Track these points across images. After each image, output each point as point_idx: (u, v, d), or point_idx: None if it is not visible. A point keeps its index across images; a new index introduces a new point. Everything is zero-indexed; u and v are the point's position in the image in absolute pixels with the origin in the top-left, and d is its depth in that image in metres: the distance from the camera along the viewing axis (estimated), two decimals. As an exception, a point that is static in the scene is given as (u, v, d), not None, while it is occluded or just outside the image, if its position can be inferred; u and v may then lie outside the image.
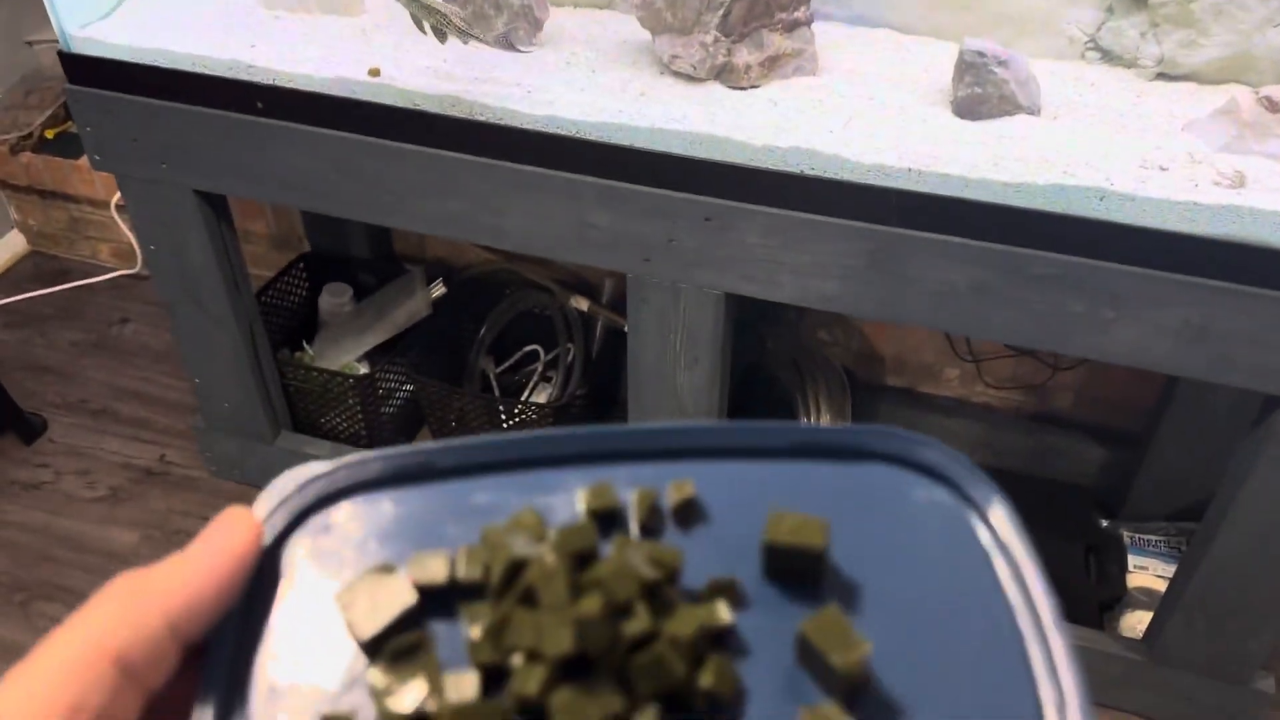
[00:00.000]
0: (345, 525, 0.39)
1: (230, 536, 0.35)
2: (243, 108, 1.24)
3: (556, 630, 0.33)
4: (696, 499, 0.40)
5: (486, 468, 0.41)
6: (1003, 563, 0.38)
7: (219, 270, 1.41)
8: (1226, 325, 1.00)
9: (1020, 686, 0.34)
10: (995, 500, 0.39)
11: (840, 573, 0.38)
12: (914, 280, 1.09)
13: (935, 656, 0.35)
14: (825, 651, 0.34)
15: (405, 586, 0.36)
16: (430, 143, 1.17)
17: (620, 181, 1.13)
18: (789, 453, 0.41)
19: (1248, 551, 1.17)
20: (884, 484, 0.40)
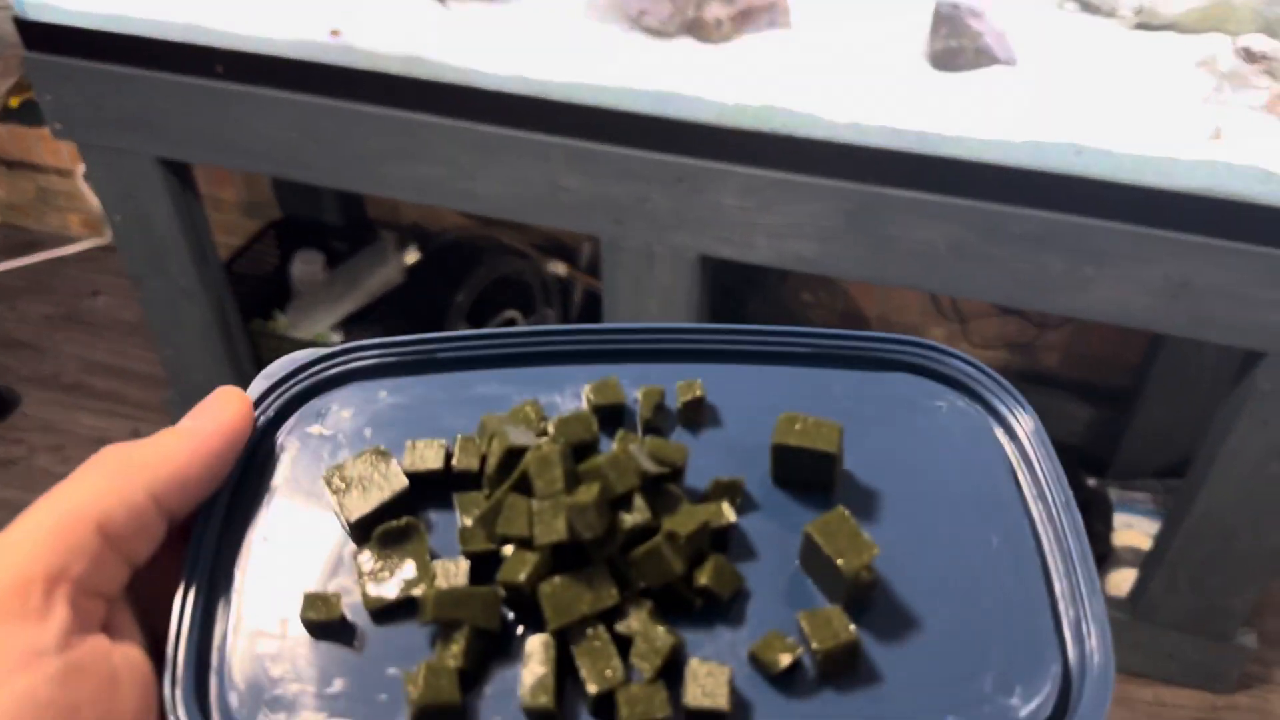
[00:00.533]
0: (340, 412, 0.38)
1: (220, 414, 0.34)
2: (203, 72, 1.21)
3: (549, 518, 0.32)
4: (705, 400, 0.38)
5: (489, 361, 0.39)
6: (1025, 475, 0.36)
7: (185, 240, 1.38)
8: (1206, 280, 0.98)
9: (1036, 596, 0.33)
10: (1021, 413, 0.37)
11: (854, 479, 0.36)
12: (893, 240, 1.06)
13: (949, 564, 0.34)
14: (831, 554, 0.32)
15: (397, 471, 0.35)
16: (395, 105, 1.14)
17: (591, 142, 1.10)
18: (807, 359, 0.39)
19: (1229, 508, 1.16)
20: (905, 393, 0.39)
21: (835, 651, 0.31)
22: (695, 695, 0.30)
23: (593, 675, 0.31)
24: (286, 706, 0.31)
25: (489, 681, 0.32)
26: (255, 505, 0.36)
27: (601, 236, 1.18)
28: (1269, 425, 1.07)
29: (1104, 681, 0.31)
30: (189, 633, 0.32)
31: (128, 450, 0.32)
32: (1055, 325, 1.61)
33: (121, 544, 0.31)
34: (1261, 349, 1.02)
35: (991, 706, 0.31)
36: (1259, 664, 1.41)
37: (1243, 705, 1.39)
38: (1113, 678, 0.31)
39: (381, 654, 0.32)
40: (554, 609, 0.31)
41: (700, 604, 0.33)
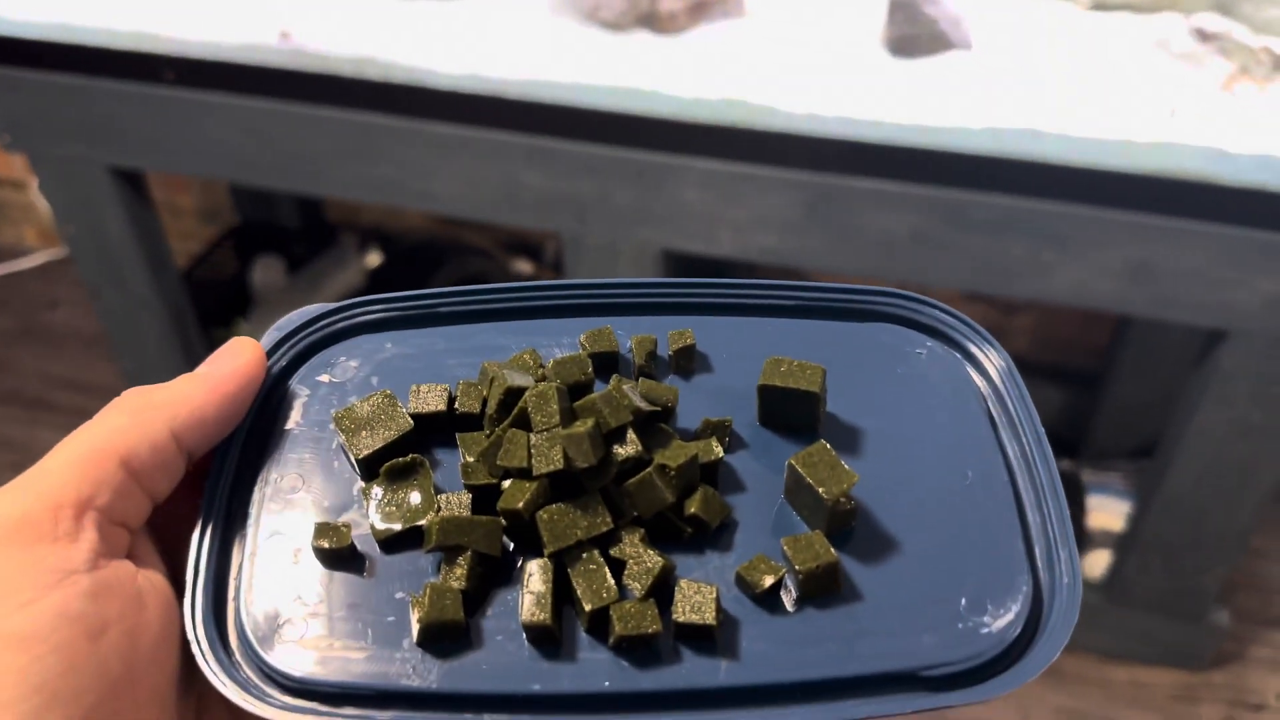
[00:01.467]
0: (347, 362, 0.40)
1: (235, 359, 0.36)
2: (152, 79, 1.19)
3: (546, 449, 0.33)
4: (695, 348, 0.39)
5: (489, 314, 0.41)
6: (999, 411, 0.39)
7: (141, 250, 1.36)
8: (1166, 261, 0.98)
9: (1008, 522, 0.35)
10: (995, 356, 0.40)
11: (838, 420, 0.38)
12: (854, 229, 1.06)
13: (926, 495, 0.36)
14: (813, 482, 0.34)
15: (403, 413, 0.37)
16: (348, 106, 1.13)
17: (549, 139, 1.09)
18: (793, 311, 0.41)
19: (1198, 487, 1.16)
20: (887, 340, 0.41)
21: (816, 572, 0.33)
22: (684, 611, 0.32)
23: (588, 594, 0.33)
24: (299, 628, 0.33)
25: (491, 604, 0.34)
26: (269, 446, 0.37)
27: (563, 233, 1.17)
28: (1233, 403, 1.07)
29: (1072, 602, 0.33)
30: (208, 561, 0.34)
31: (149, 392, 0.34)
32: (1022, 310, 1.62)
33: (144, 478, 0.32)
34: (1223, 328, 1.02)
35: (965, 624, 0.33)
36: (1233, 641, 1.42)
37: (1218, 682, 1.40)
38: (1079, 599, 0.33)
39: (389, 580, 0.34)
40: (551, 533, 0.33)
41: (690, 532, 0.35)
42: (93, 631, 0.29)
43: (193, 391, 0.35)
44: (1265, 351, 1.02)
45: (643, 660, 0.32)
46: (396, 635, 0.33)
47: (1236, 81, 0.97)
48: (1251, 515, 1.18)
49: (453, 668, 0.32)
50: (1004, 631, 0.32)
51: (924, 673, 0.32)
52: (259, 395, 0.38)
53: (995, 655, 0.32)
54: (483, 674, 0.32)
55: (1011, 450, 0.37)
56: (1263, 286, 0.98)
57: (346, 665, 0.32)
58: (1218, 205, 0.95)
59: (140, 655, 0.30)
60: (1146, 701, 1.38)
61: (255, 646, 0.33)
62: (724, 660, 0.32)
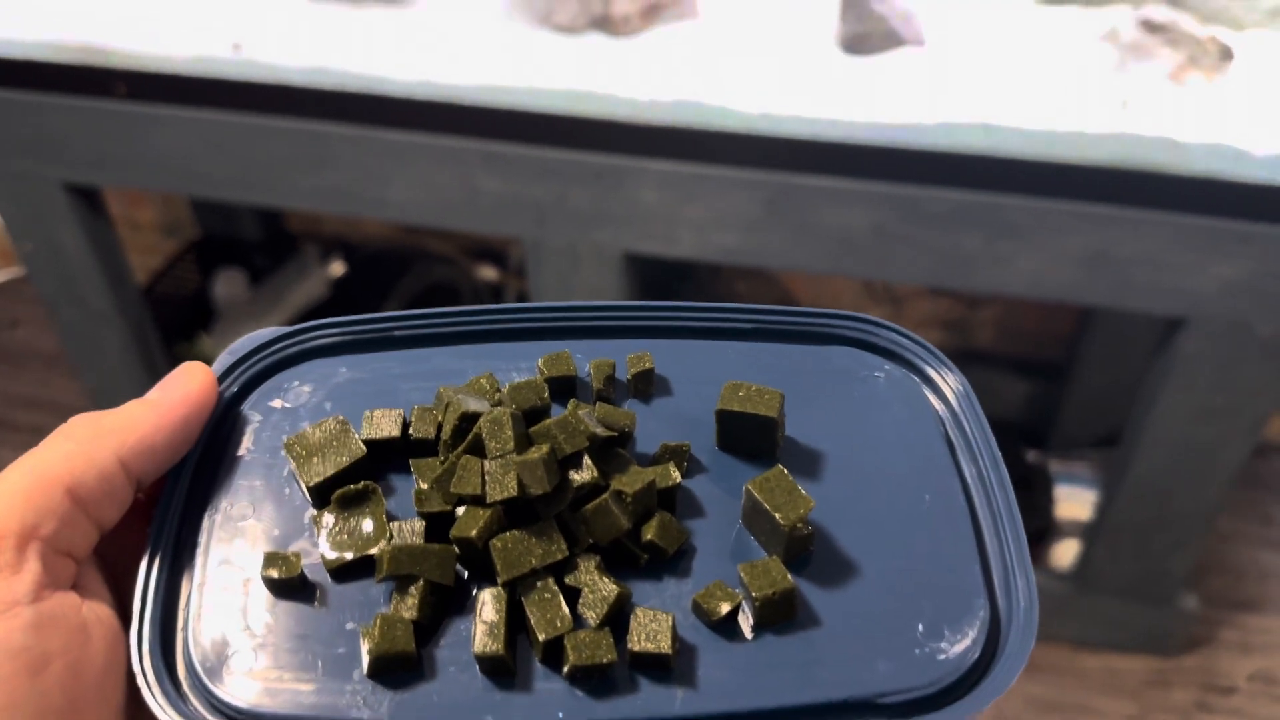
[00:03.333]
0: (300, 387, 0.40)
1: (185, 385, 0.36)
2: (104, 93, 1.17)
3: (501, 476, 0.33)
4: (654, 371, 0.39)
5: (445, 338, 0.41)
6: (957, 435, 0.38)
7: (99, 266, 1.35)
8: (1122, 250, 0.99)
9: (966, 547, 0.35)
10: (952, 379, 0.40)
11: (796, 444, 0.38)
12: (813, 226, 1.06)
13: (884, 520, 0.36)
14: (770, 508, 0.34)
15: (355, 439, 0.36)
16: (302, 115, 1.12)
17: (505, 143, 1.09)
18: (751, 334, 0.42)
19: (1162, 472, 1.17)
20: (844, 364, 0.41)
21: (773, 599, 0.33)
22: (639, 640, 0.32)
23: (542, 624, 0.32)
24: (248, 659, 0.32)
25: (444, 634, 0.33)
26: (219, 473, 0.37)
27: (524, 238, 1.17)
28: (1194, 389, 1.08)
29: (1029, 628, 0.33)
30: (155, 591, 0.34)
31: (96, 419, 0.34)
32: (986, 302, 1.62)
33: (90, 506, 0.32)
34: (1182, 314, 1.03)
35: (922, 650, 0.33)
36: (1203, 625, 1.43)
37: (1190, 666, 1.41)
38: (1036, 624, 0.33)
39: (340, 610, 0.34)
40: (505, 562, 0.33)
41: (646, 559, 0.35)
42: (34, 666, 0.28)
43: (142, 418, 0.34)
44: (1223, 336, 1.03)
45: (598, 690, 0.32)
46: (347, 666, 0.32)
47: (1185, 72, 0.98)
48: (1216, 498, 1.19)
49: (404, 700, 0.32)
50: (961, 657, 0.33)
51: (881, 699, 0.32)
52: (210, 421, 0.37)
53: (952, 681, 0.32)
54: (434, 706, 0.32)
55: (969, 474, 0.37)
56: (1218, 272, 0.98)
57: (295, 697, 0.32)
58: (1171, 194, 0.95)
59: (85, 689, 0.30)
60: (1119, 688, 1.38)
61: (203, 678, 0.32)
62: (680, 689, 0.32)
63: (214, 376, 0.37)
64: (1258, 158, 0.92)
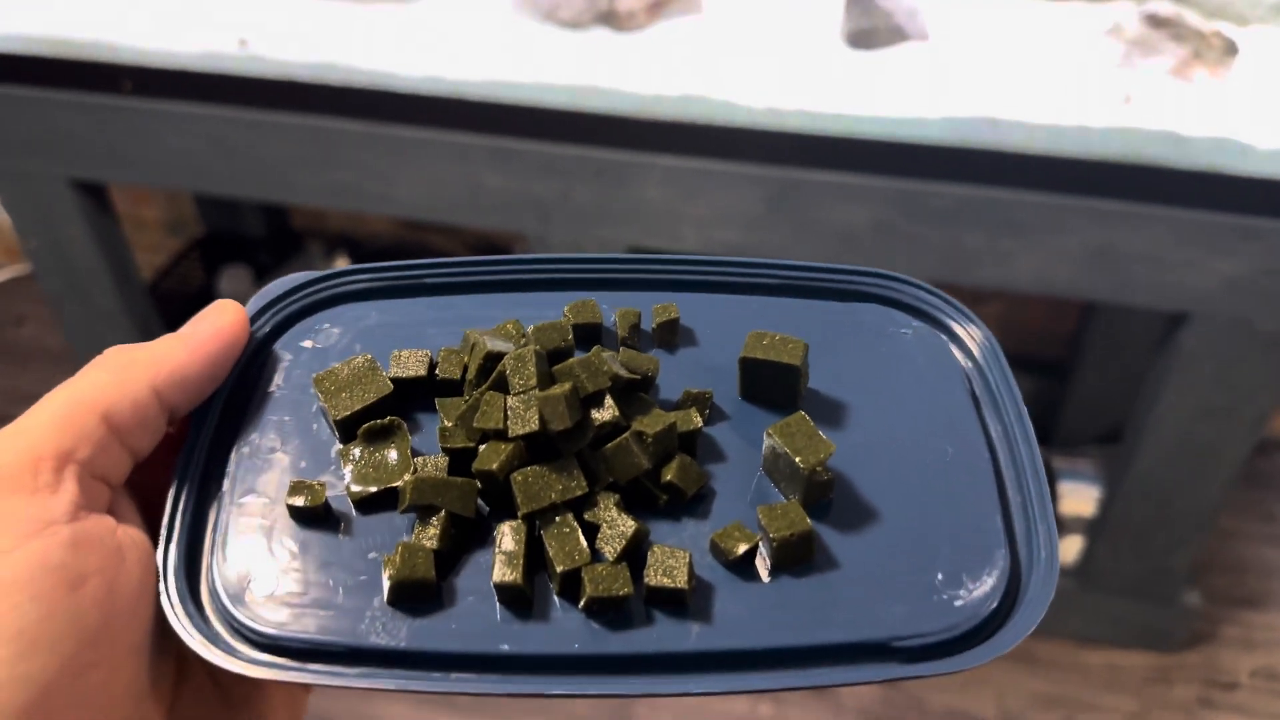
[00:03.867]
0: (331, 329, 0.40)
1: (217, 320, 0.37)
2: (110, 89, 1.18)
3: (522, 411, 0.33)
4: (679, 321, 0.40)
5: (474, 286, 0.42)
6: (982, 391, 0.38)
7: (105, 263, 1.35)
8: (1126, 246, 0.99)
9: (987, 498, 0.35)
10: (978, 334, 0.40)
11: (819, 396, 0.38)
12: (816, 222, 1.06)
13: (906, 470, 0.36)
14: (790, 451, 0.34)
15: (383, 376, 0.37)
16: (308, 111, 1.12)
17: (510, 139, 1.09)
18: (778, 289, 0.42)
19: (1164, 469, 1.17)
20: (870, 320, 0.41)
21: (791, 540, 0.33)
22: (656, 575, 0.32)
23: (560, 556, 0.32)
24: (271, 584, 0.33)
25: (464, 566, 0.34)
26: (248, 409, 0.38)
27: (527, 234, 1.17)
28: (1196, 385, 1.08)
29: (1049, 577, 0.33)
30: (182, 517, 0.34)
31: (131, 350, 0.34)
32: (988, 299, 1.63)
33: (125, 434, 0.33)
34: (1184, 310, 1.03)
35: (940, 597, 0.33)
36: (1205, 621, 1.43)
37: (1192, 663, 1.41)
38: (1056, 574, 0.33)
39: (363, 540, 0.34)
40: (525, 495, 0.33)
41: (665, 499, 0.35)
42: (72, 581, 0.29)
43: (175, 350, 0.35)
44: (1226, 333, 1.03)
45: (614, 623, 0.32)
46: (368, 594, 0.33)
47: (1190, 67, 0.98)
48: (1218, 495, 1.19)
49: (422, 627, 0.32)
50: (978, 605, 0.32)
51: (896, 643, 0.32)
52: (241, 358, 0.38)
53: (969, 629, 0.32)
54: (452, 634, 0.32)
55: (993, 429, 0.37)
56: (1221, 268, 0.99)
57: (316, 622, 0.32)
58: (1174, 189, 0.96)
59: (119, 608, 0.31)
60: (1121, 684, 1.39)
61: (226, 602, 0.33)
62: (695, 625, 0.32)
63: (245, 314, 0.38)
64: (1262, 152, 0.92)
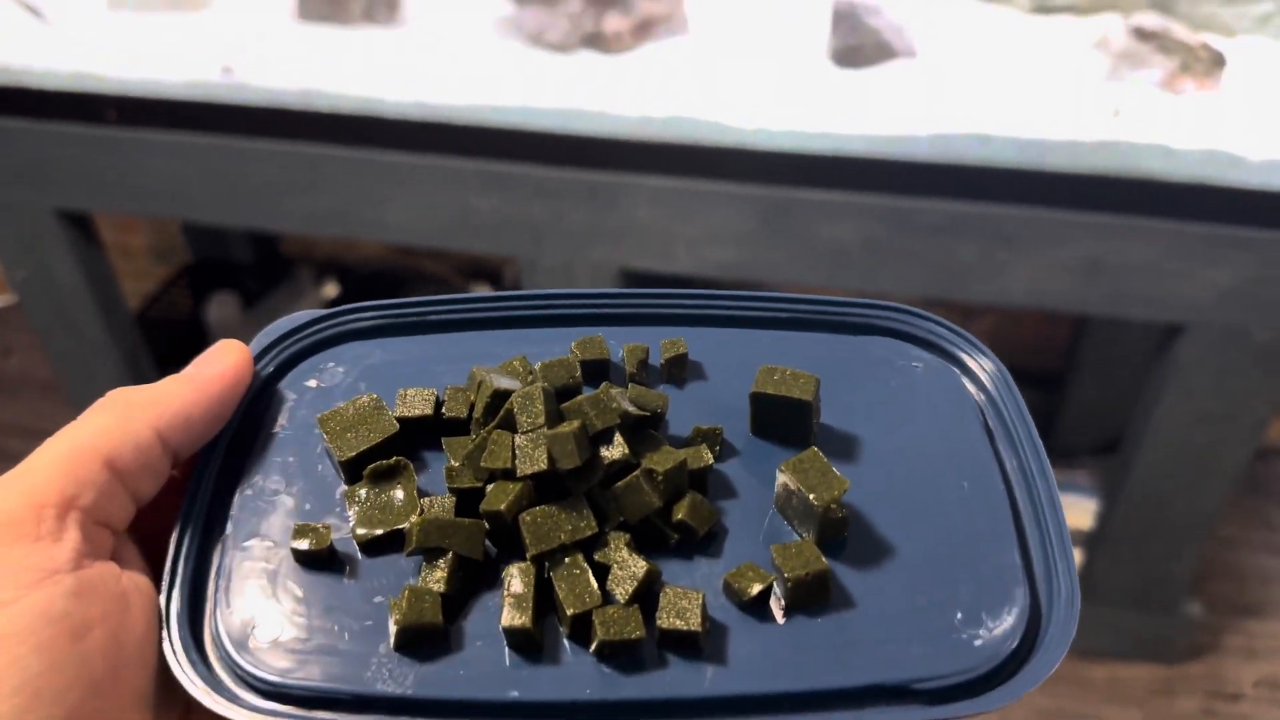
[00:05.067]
0: (335, 368, 0.40)
1: (221, 361, 0.36)
2: (94, 119, 1.17)
3: (530, 450, 0.33)
4: (688, 357, 0.39)
5: (480, 323, 0.41)
6: (996, 424, 0.38)
7: (91, 292, 1.34)
8: (1118, 258, 0.98)
9: (1005, 534, 0.34)
10: (991, 367, 0.39)
11: (831, 431, 0.38)
12: (808, 240, 1.06)
13: (921, 506, 0.35)
14: (803, 488, 0.34)
15: (388, 416, 0.36)
16: (295, 138, 1.12)
17: (500, 163, 1.09)
18: (787, 323, 0.41)
19: (1163, 479, 1.17)
20: (881, 354, 0.40)
21: (806, 580, 0.32)
22: (668, 617, 0.32)
23: (570, 598, 0.32)
24: (275, 630, 0.32)
25: (471, 610, 0.33)
26: (253, 449, 0.37)
27: (520, 256, 1.17)
28: (1192, 395, 1.08)
29: (1070, 615, 0.32)
30: (185, 561, 0.34)
31: (133, 392, 0.34)
32: (982, 313, 1.62)
33: (128, 478, 0.32)
34: (1179, 321, 1.03)
35: (960, 636, 0.32)
36: (1207, 632, 1.42)
37: (1195, 674, 1.40)
38: (1078, 613, 0.32)
39: (369, 584, 0.34)
40: (534, 536, 0.32)
41: (676, 539, 0.34)
42: (76, 631, 0.29)
43: (178, 392, 0.35)
44: (1221, 342, 1.03)
45: (626, 668, 0.31)
46: (374, 640, 0.32)
47: (1178, 79, 0.98)
48: (1217, 504, 1.18)
49: (430, 673, 0.31)
50: (999, 644, 0.32)
51: (916, 685, 0.31)
52: (245, 398, 0.37)
53: (990, 669, 0.31)
54: (460, 680, 0.31)
55: (1009, 463, 0.37)
56: (1214, 278, 0.98)
57: (321, 669, 0.32)
58: (1166, 201, 0.95)
59: (125, 656, 0.30)
60: (1125, 697, 1.38)
61: (230, 648, 0.32)
62: (710, 668, 0.31)
63: (249, 354, 0.37)
64: (1252, 163, 0.92)
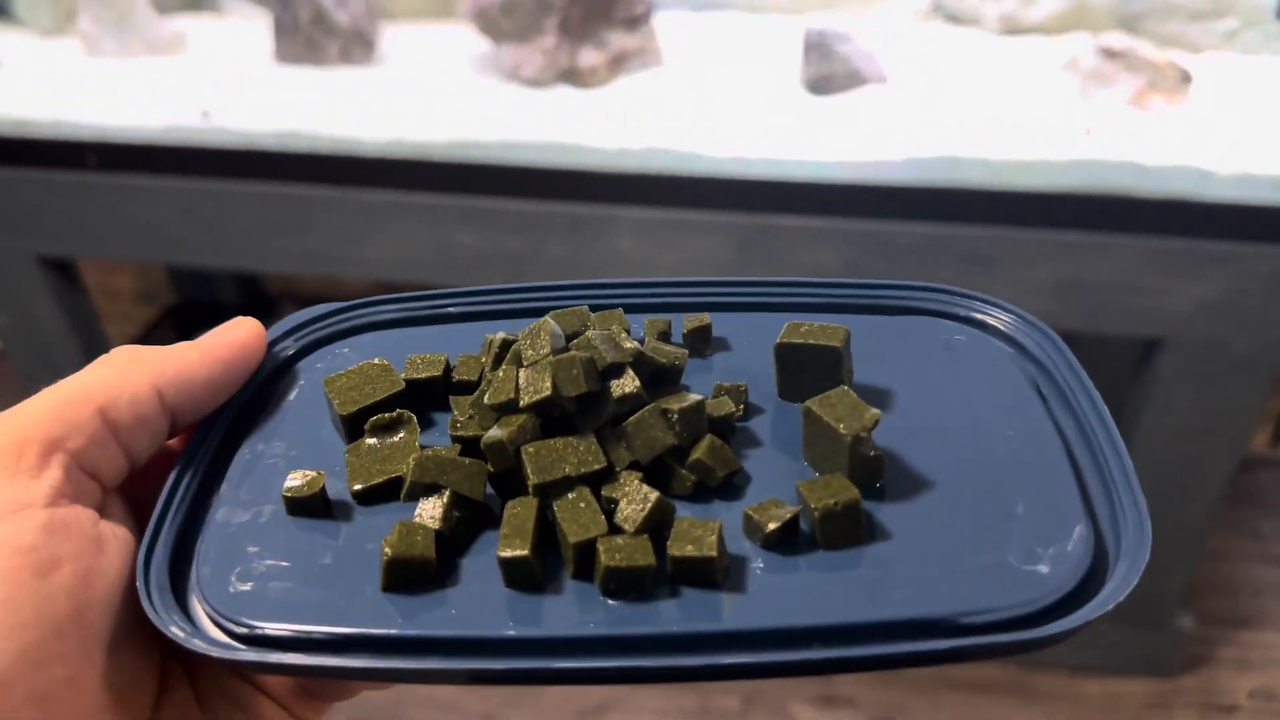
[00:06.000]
0: (351, 356, 0.39)
1: (233, 330, 0.36)
2: (75, 165, 1.18)
3: (535, 378, 0.31)
4: (711, 329, 0.37)
5: (498, 314, 0.40)
6: (1049, 388, 0.36)
7: (75, 338, 1.34)
8: (1095, 276, 0.99)
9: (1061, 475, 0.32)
10: (1040, 337, 0.37)
11: (865, 389, 0.35)
12: (786, 266, 1.06)
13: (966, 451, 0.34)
14: (830, 421, 0.31)
15: (395, 376, 0.35)
16: (274, 179, 1.12)
17: (480, 198, 1.09)
18: (818, 308, 0.39)
19: (1149, 494, 1.15)
20: (921, 330, 0.38)
21: (835, 510, 0.29)
22: (682, 545, 0.29)
23: (573, 527, 0.29)
24: (256, 576, 0.31)
25: (468, 554, 0.31)
26: (260, 420, 0.37)
27: (501, 291, 1.17)
28: (1174, 410, 1.08)
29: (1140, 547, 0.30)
30: (176, 507, 0.33)
31: (139, 349, 0.34)
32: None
33: (121, 430, 0.32)
34: (1157, 336, 1.04)
35: (1014, 570, 0.29)
36: (1201, 644, 1.42)
37: (1189, 687, 1.40)
38: (1149, 543, 0.29)
39: (361, 533, 0.32)
40: (537, 466, 0.30)
41: (692, 482, 0.32)
42: (42, 567, 0.28)
43: (184, 354, 0.34)
44: (1200, 355, 1.04)
45: (634, 601, 0.29)
46: (362, 582, 0.30)
47: (1146, 96, 0.99)
48: (1204, 518, 1.19)
49: (419, 611, 0.29)
50: (1061, 578, 0.29)
51: (964, 619, 0.28)
52: (255, 379, 0.37)
53: (1050, 603, 0.28)
54: (453, 619, 0.29)
55: (1065, 422, 0.34)
56: (1191, 292, 0.99)
57: (303, 612, 0.30)
58: (1139, 217, 0.96)
59: (92, 598, 0.29)
60: (1120, 712, 1.37)
61: (209, 592, 0.31)
62: (728, 600, 0.29)
63: (261, 328, 0.37)
64: (1223, 177, 0.93)
